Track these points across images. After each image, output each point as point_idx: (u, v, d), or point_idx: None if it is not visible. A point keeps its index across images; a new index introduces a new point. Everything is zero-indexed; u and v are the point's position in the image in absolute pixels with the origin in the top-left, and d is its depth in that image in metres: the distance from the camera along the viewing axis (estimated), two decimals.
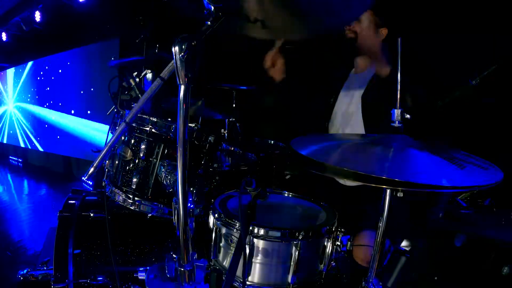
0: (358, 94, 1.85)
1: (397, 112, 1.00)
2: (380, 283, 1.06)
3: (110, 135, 1.70)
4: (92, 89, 5.37)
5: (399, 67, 0.99)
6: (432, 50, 2.04)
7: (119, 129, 1.15)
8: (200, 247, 1.31)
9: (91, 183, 4.85)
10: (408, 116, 1.00)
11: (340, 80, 2.00)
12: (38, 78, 6.86)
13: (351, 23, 1.78)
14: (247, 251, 1.08)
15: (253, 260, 1.11)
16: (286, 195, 1.47)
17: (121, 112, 1.61)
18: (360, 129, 1.81)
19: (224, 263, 1.19)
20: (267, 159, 2.13)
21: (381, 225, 1.01)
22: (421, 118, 1.26)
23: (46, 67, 6.58)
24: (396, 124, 1.00)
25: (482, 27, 1.88)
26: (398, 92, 1.00)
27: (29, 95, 7.27)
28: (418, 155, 0.92)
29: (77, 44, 5.48)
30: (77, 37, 5.33)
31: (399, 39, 0.97)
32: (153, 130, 1.42)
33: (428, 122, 1.43)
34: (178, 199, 0.91)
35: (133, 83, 1.78)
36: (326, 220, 1.23)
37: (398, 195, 0.92)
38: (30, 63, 7.06)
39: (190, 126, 1.41)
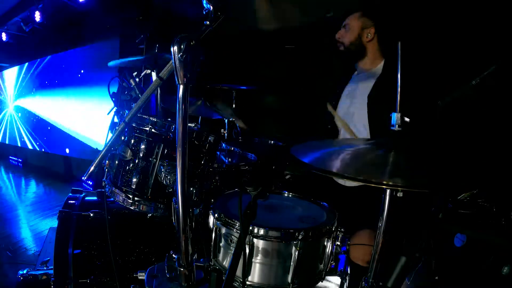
0: (359, 95, 1.85)
1: (397, 115, 0.99)
2: (380, 283, 1.06)
3: (110, 135, 1.70)
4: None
5: (399, 70, 0.98)
6: (431, 50, 2.04)
7: (118, 129, 1.15)
8: (200, 247, 1.31)
9: (91, 183, 4.87)
10: (407, 119, 1.00)
11: (342, 82, 2.01)
12: (38, 78, 6.86)
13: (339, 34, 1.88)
14: (247, 251, 1.08)
15: (253, 260, 1.10)
16: (286, 195, 1.47)
17: (121, 112, 1.61)
18: (361, 129, 1.81)
19: (224, 263, 1.19)
20: (267, 159, 2.13)
21: (381, 225, 1.01)
22: (421, 119, 1.26)
23: (46, 67, 6.58)
24: (396, 128, 0.99)
25: (481, 26, 1.88)
26: (398, 95, 1.00)
27: (29, 95, 7.27)
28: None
29: (77, 44, 5.48)
30: (77, 37, 5.33)
31: (399, 43, 0.97)
32: (152, 130, 1.42)
33: (428, 122, 1.43)
34: (178, 199, 0.91)
35: (133, 83, 1.78)
36: (326, 220, 1.22)
37: (398, 195, 0.92)
38: (32, 63, 7.06)
39: (190, 126, 1.41)
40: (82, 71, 5.59)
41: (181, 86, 0.85)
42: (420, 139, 1.02)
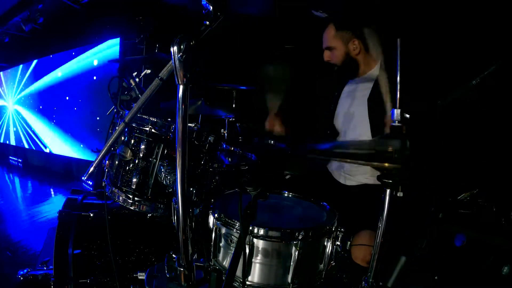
0: (360, 96, 1.85)
1: (396, 112, 0.99)
2: (380, 283, 1.06)
3: (110, 135, 1.70)
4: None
5: (399, 68, 0.98)
6: (431, 50, 2.04)
7: (118, 129, 1.15)
8: (200, 247, 1.31)
9: (91, 183, 4.86)
10: (407, 115, 0.99)
11: (341, 83, 2.01)
12: (38, 78, 6.86)
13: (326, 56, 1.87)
14: (247, 251, 1.08)
15: (253, 260, 1.11)
16: (286, 195, 1.47)
17: (121, 112, 1.61)
18: (363, 130, 1.81)
19: (224, 263, 1.19)
20: (267, 159, 2.12)
21: (381, 225, 1.00)
22: (421, 118, 1.26)
23: (46, 67, 6.58)
24: (396, 124, 0.99)
25: (481, 26, 1.88)
26: (398, 92, 1.00)
27: (29, 95, 7.27)
28: None
29: (77, 44, 5.48)
30: (77, 37, 5.33)
31: (398, 40, 0.97)
32: (152, 130, 1.42)
33: (428, 122, 1.43)
34: (178, 199, 0.91)
35: (133, 83, 1.78)
36: (326, 220, 1.23)
37: (398, 195, 0.92)
38: (31, 63, 7.06)
39: (190, 126, 1.41)
40: (82, 71, 5.59)
41: (181, 86, 0.85)
42: (420, 138, 1.02)
